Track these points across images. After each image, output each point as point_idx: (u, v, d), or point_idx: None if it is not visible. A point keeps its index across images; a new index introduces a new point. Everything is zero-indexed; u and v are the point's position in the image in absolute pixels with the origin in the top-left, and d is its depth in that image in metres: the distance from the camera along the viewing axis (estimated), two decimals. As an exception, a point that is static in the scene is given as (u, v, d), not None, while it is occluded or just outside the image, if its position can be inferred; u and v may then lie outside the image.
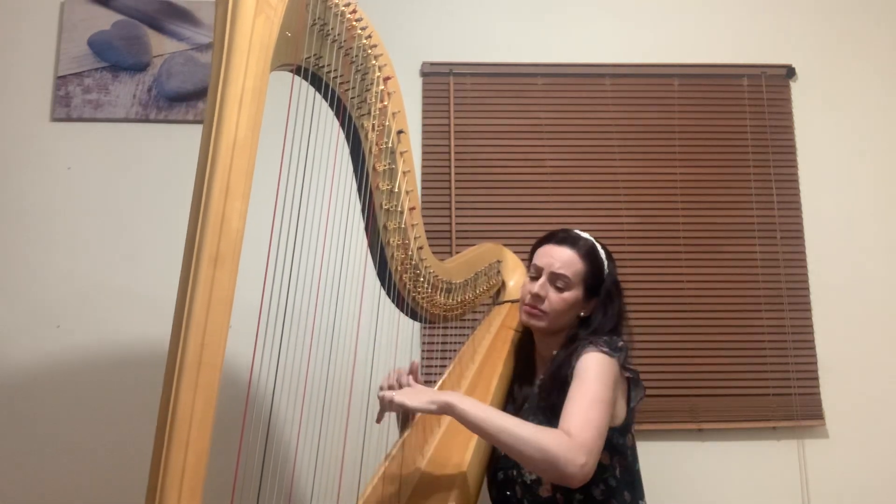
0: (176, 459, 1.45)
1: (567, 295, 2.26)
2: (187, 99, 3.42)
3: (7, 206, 3.30)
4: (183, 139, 3.34)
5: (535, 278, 2.31)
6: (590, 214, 3.46)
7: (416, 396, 1.98)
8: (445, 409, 1.95)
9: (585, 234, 2.36)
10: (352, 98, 2.04)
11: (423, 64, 3.55)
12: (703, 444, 3.31)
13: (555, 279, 2.26)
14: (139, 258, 3.28)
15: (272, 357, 1.90)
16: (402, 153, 2.14)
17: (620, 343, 2.13)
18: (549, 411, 2.13)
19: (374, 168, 2.11)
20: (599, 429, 1.95)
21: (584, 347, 2.10)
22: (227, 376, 1.61)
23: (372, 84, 2.06)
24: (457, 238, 3.39)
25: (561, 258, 2.28)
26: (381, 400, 2.00)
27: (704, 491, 3.26)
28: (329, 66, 1.94)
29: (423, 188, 3.41)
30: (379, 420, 2.06)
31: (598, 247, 2.35)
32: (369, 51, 2.04)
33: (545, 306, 2.26)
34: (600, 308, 2.29)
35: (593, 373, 2.03)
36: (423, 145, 3.47)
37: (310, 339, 2.17)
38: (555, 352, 2.28)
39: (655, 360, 3.33)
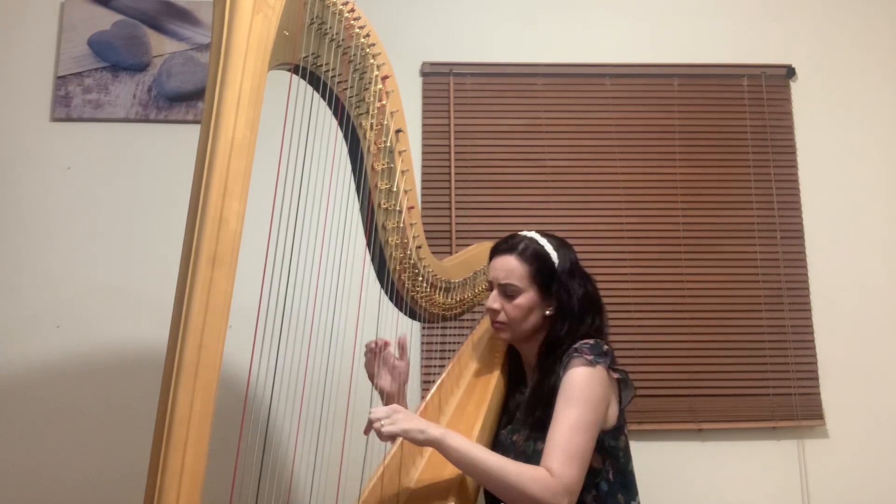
0: (175, 460, 1.45)
1: (520, 300, 2.23)
2: (187, 99, 3.42)
3: (7, 206, 3.30)
4: (183, 139, 3.33)
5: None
6: (590, 214, 3.46)
7: (405, 422, 1.96)
8: (432, 444, 1.94)
9: (529, 234, 2.31)
10: (350, 97, 2.04)
11: (423, 64, 3.55)
12: (703, 444, 3.31)
13: (503, 290, 2.24)
14: (139, 258, 3.28)
15: (271, 358, 1.90)
16: (400, 152, 2.14)
17: (605, 347, 2.10)
18: (535, 425, 2.12)
19: (372, 167, 2.11)
20: (583, 457, 1.95)
21: (571, 358, 2.07)
22: (226, 377, 1.62)
23: (370, 83, 2.06)
24: (457, 238, 3.39)
25: (504, 267, 2.25)
26: (370, 420, 1.99)
27: (704, 491, 3.26)
28: (327, 64, 1.95)
29: (423, 188, 3.42)
30: (366, 432, 2.02)
31: (543, 241, 2.29)
32: (367, 49, 2.04)
33: (503, 318, 2.24)
34: (560, 301, 2.24)
35: (579, 393, 2.01)
36: (423, 145, 3.47)
37: (308, 339, 2.17)
38: (535, 357, 2.27)
39: (655, 360, 3.34)
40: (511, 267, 2.24)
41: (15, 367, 3.18)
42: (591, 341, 2.11)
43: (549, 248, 2.27)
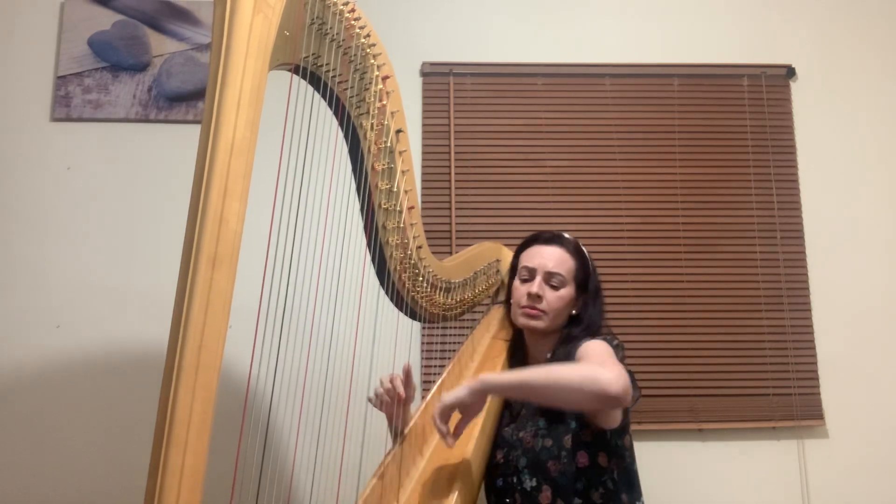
0: (175, 460, 1.45)
1: (563, 292, 2.26)
2: (187, 99, 3.42)
3: (7, 206, 3.29)
4: (183, 139, 3.33)
5: (527, 280, 2.30)
6: (590, 214, 3.47)
7: (450, 396, 1.97)
8: (480, 391, 1.96)
9: (567, 234, 2.39)
10: (350, 97, 2.04)
11: (423, 64, 3.55)
12: (703, 444, 3.31)
13: (550, 278, 2.27)
14: (139, 258, 3.28)
15: (271, 358, 1.90)
16: (400, 152, 2.14)
17: (616, 342, 2.12)
18: (546, 413, 2.13)
19: (372, 167, 2.11)
20: (622, 368, 1.94)
21: (584, 339, 2.10)
22: (226, 377, 1.61)
23: (370, 83, 2.06)
24: (457, 238, 3.39)
25: (553, 257, 2.29)
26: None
27: (704, 491, 3.26)
28: (328, 65, 1.95)
29: (423, 188, 3.41)
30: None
31: (580, 244, 2.37)
32: (368, 50, 2.04)
33: (544, 306, 2.25)
34: (589, 303, 2.30)
35: (600, 347, 2.04)
36: (423, 145, 3.47)
37: (309, 339, 2.17)
38: (548, 355, 2.28)
39: (655, 360, 3.34)
40: (561, 258, 2.29)
41: (15, 367, 3.18)
42: (602, 336, 2.14)
43: (585, 251, 2.35)
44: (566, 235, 2.37)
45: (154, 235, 3.29)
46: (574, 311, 2.30)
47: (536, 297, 2.26)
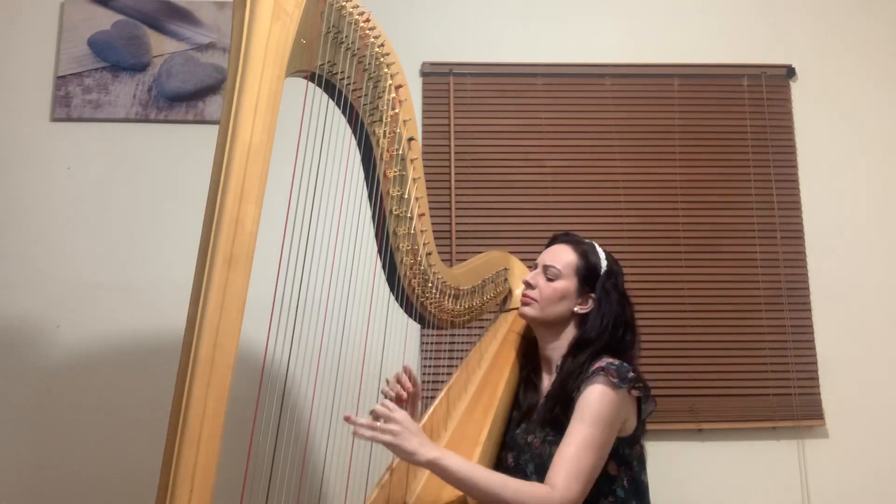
0: (188, 457, 1.49)
1: (557, 284, 2.30)
2: (187, 99, 3.40)
3: (7, 206, 3.29)
4: (183, 139, 3.31)
5: None
6: (590, 214, 3.47)
7: (406, 441, 1.91)
8: (429, 466, 1.93)
9: (589, 240, 2.42)
10: (364, 105, 2.07)
11: (423, 64, 3.55)
12: (703, 444, 3.32)
13: (546, 270, 2.32)
14: (139, 258, 3.28)
15: (283, 359, 1.91)
16: (412, 160, 2.16)
17: (631, 374, 2.11)
18: (553, 424, 2.14)
19: (384, 174, 2.13)
20: (589, 476, 1.98)
21: (595, 376, 2.09)
22: (239, 376, 1.62)
23: (384, 92, 2.08)
24: (457, 239, 3.39)
25: (554, 252, 2.36)
26: (374, 421, 1.95)
27: (704, 491, 3.27)
28: (342, 73, 1.97)
29: (423, 188, 3.42)
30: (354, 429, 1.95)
31: (599, 249, 2.38)
32: (381, 59, 2.06)
33: (535, 293, 2.31)
34: (596, 304, 2.29)
35: (595, 413, 2.04)
36: (424, 145, 3.46)
37: (319, 342, 2.18)
38: (555, 352, 2.31)
39: (655, 360, 3.32)
40: (562, 253, 2.35)
41: (15, 367, 3.18)
42: (618, 363, 2.13)
43: (601, 254, 2.37)
44: (583, 238, 2.42)
45: (154, 235, 3.29)
46: (577, 310, 2.30)
47: (528, 285, 2.34)
